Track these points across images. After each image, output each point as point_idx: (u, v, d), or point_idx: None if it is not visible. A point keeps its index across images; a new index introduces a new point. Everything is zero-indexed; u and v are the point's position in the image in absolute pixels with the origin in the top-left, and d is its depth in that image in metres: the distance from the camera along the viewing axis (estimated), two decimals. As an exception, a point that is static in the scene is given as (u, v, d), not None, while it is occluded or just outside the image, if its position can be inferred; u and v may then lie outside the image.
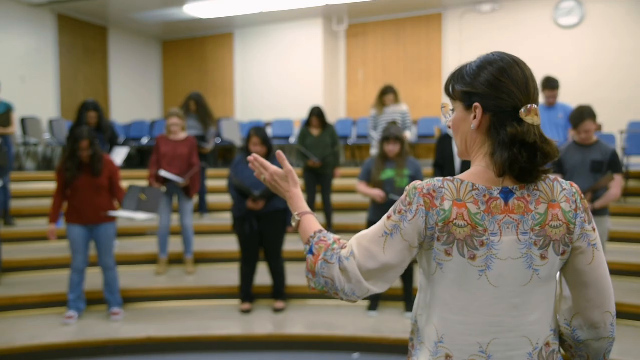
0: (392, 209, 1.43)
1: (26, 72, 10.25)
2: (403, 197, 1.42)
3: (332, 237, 1.49)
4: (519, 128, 1.34)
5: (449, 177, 1.40)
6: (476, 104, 1.39)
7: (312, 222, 1.57)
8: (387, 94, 6.84)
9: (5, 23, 9.97)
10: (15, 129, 7.67)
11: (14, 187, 7.54)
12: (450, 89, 1.49)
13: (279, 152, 1.69)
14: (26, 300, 5.36)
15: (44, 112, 10.38)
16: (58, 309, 5.23)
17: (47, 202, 4.95)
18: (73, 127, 6.07)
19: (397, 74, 11.12)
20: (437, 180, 1.39)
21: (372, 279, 1.40)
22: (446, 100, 1.55)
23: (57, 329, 4.89)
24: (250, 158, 1.69)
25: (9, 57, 9.99)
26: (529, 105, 1.35)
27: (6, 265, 5.85)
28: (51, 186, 5.05)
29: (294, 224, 1.60)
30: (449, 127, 1.52)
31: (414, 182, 1.42)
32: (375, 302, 5.18)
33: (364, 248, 1.40)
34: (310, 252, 1.47)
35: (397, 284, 5.20)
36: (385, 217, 1.43)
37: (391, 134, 4.94)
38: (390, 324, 4.93)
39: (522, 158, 1.33)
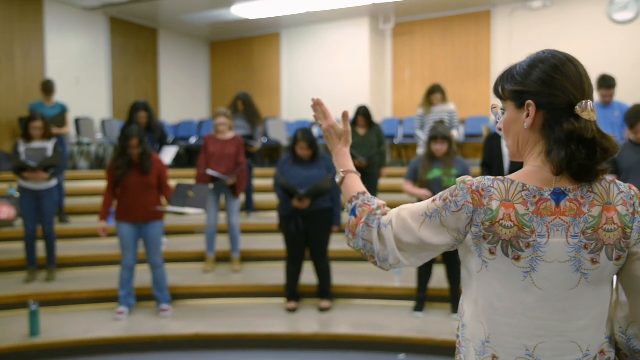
0: (438, 194, 1.43)
1: (80, 73, 10.55)
2: (452, 188, 1.41)
3: (377, 202, 1.52)
4: (576, 124, 1.30)
5: (499, 177, 1.37)
6: (529, 101, 1.36)
7: (356, 182, 1.60)
8: (434, 93, 6.76)
9: (62, 26, 10.29)
10: (70, 129, 7.90)
11: (68, 185, 7.75)
12: (500, 90, 1.46)
13: (346, 111, 1.71)
14: (80, 296, 5.51)
15: (97, 113, 10.66)
16: (109, 304, 5.35)
17: (99, 200, 5.08)
18: (124, 127, 6.21)
19: (445, 72, 10.98)
20: (487, 179, 1.37)
21: (405, 251, 1.42)
22: (495, 100, 1.52)
23: (108, 324, 5.01)
24: (314, 99, 1.70)
25: (65, 60, 10.30)
26: (584, 102, 1.32)
27: (60, 262, 6.02)
28: (103, 185, 5.17)
29: (337, 179, 1.63)
30: (500, 129, 1.49)
31: (464, 177, 1.40)
32: (421, 303, 5.12)
33: (402, 220, 1.42)
34: (353, 213, 1.51)
35: (444, 285, 5.14)
36: (430, 199, 1.44)
37: (439, 133, 4.88)
38: (436, 325, 4.86)
39: (581, 155, 1.29)
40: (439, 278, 5.25)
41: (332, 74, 11.53)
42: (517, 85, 1.38)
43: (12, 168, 5.69)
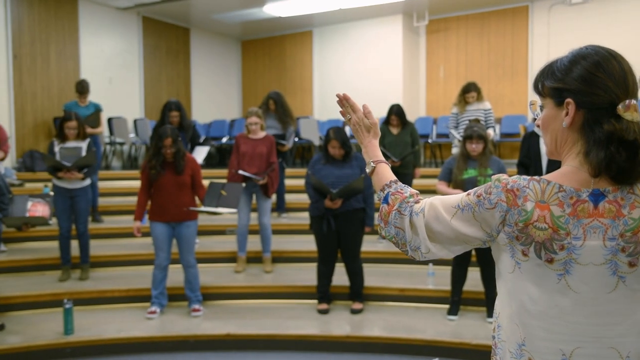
0: (473, 190, 1.40)
1: (113, 73, 10.68)
2: (487, 185, 1.38)
3: (409, 190, 1.52)
4: (617, 125, 1.24)
5: (535, 177, 1.32)
6: (569, 99, 1.31)
7: (387, 171, 1.60)
8: (469, 92, 6.64)
9: (95, 27, 10.42)
10: (103, 129, 7.98)
11: (101, 185, 7.83)
12: (540, 86, 1.41)
13: (366, 105, 1.70)
14: (113, 294, 5.55)
15: (129, 113, 10.76)
16: (142, 303, 5.37)
17: (132, 200, 5.10)
18: (156, 126, 6.23)
19: (480, 70, 10.81)
20: (523, 179, 1.32)
21: (435, 241, 1.42)
22: (534, 96, 1.47)
23: (141, 323, 5.03)
24: (339, 94, 1.70)
25: (98, 60, 10.43)
26: (627, 101, 1.25)
27: (94, 260, 6.07)
28: (136, 184, 5.20)
29: (368, 169, 1.64)
30: (538, 126, 1.44)
31: (499, 175, 1.37)
32: (456, 305, 5.01)
33: (435, 209, 1.41)
34: (386, 201, 1.51)
35: (479, 287, 5.02)
36: (464, 193, 1.42)
37: (474, 132, 4.77)
38: (471, 328, 4.76)
39: (621, 157, 1.24)
40: (474, 281, 5.13)
41: (365, 72, 11.45)
42: (557, 82, 1.34)
43: (47, 168, 5.76)
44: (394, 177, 1.58)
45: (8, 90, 9.15)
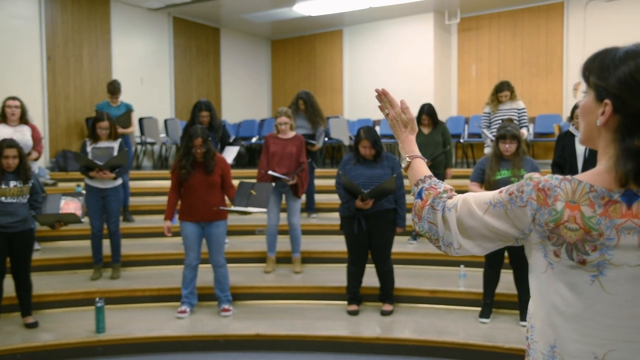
0: (505, 187, 1.39)
1: (144, 74, 10.78)
2: (519, 183, 1.36)
3: (444, 185, 1.52)
4: None
5: (567, 177, 1.30)
6: (607, 101, 1.26)
7: (422, 166, 1.61)
8: (502, 90, 6.52)
9: (127, 28, 10.53)
10: (135, 129, 8.05)
11: (132, 184, 7.90)
12: (586, 74, 1.36)
13: (403, 100, 1.71)
14: (144, 293, 5.59)
15: (160, 113, 10.86)
16: (172, 303, 5.39)
17: (163, 199, 5.13)
18: (187, 126, 6.26)
19: (513, 68, 10.64)
20: (555, 179, 1.30)
21: (467, 237, 1.41)
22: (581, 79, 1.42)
23: (171, 322, 5.05)
24: (378, 89, 1.72)
25: (130, 60, 10.55)
26: None
27: (125, 260, 6.12)
28: (166, 184, 5.22)
29: (403, 165, 1.65)
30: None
31: (531, 173, 1.36)
32: (488, 308, 4.92)
33: (467, 204, 1.40)
34: (419, 196, 1.52)
35: (512, 290, 4.92)
36: (497, 190, 1.40)
37: (507, 132, 4.67)
38: (504, 332, 4.67)
39: None
40: (507, 283, 5.03)
41: (395, 71, 11.36)
42: (600, 80, 1.29)
43: (79, 167, 5.82)
44: (428, 173, 1.58)
45: (42, 91, 9.30)
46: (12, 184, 4.70)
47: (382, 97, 1.73)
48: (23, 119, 6.05)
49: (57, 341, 4.68)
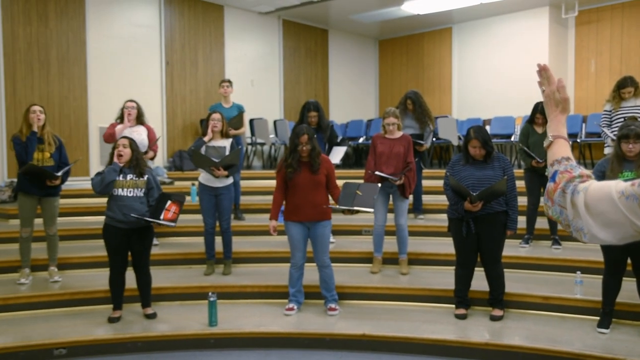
0: (638, 180, 1.32)
1: (255, 76, 11.11)
2: None
3: (580, 170, 1.48)
4: None
5: None
6: None
7: (562, 147, 1.57)
8: (625, 87, 6.11)
9: (239, 31, 10.91)
10: (246, 130, 8.30)
11: (243, 183, 8.12)
12: None
13: (561, 79, 1.66)
14: (253, 290, 5.74)
15: (270, 114, 11.14)
16: (279, 300, 5.50)
17: (271, 198, 5.25)
18: (295, 127, 6.37)
19: (638, 63, 9.96)
20: None
21: (599, 222, 1.35)
22: None
23: (279, 319, 5.16)
24: (540, 64, 1.69)
25: (241, 63, 10.92)
26: None
27: (236, 256, 6.32)
28: (275, 183, 5.33)
29: (545, 143, 1.63)
30: None
31: None
32: (607, 318, 4.63)
33: (598, 189, 1.36)
34: (553, 179, 1.50)
35: (636, 299, 4.61)
36: (629, 182, 1.34)
37: (631, 131, 4.37)
38: (625, 344, 4.37)
39: None
40: (629, 292, 4.71)
41: (507, 68, 11.01)
42: None
43: (193, 162, 6.08)
44: (566, 154, 1.54)
45: (161, 95, 9.83)
46: (129, 177, 4.98)
47: (542, 72, 1.68)
48: (139, 120, 6.41)
49: (174, 332, 4.91)
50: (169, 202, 4.90)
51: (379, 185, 5.44)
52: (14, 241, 6.08)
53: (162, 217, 4.86)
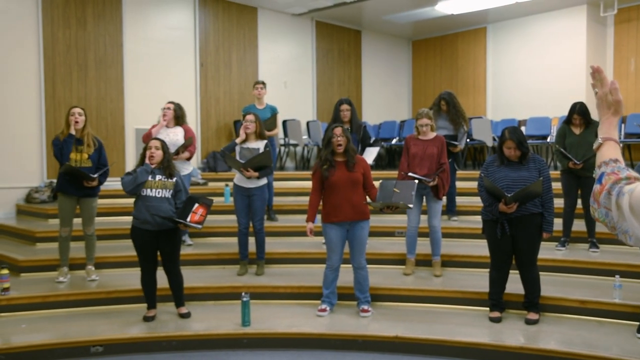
0: None
1: (288, 77, 11.16)
2: None
3: (628, 172, 1.45)
4: None
5: None
6: None
7: (611, 149, 1.55)
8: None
9: (273, 33, 10.98)
10: (279, 131, 8.33)
11: (276, 184, 8.15)
12: None
13: (614, 81, 1.63)
14: (286, 290, 5.76)
15: (303, 115, 11.17)
16: (312, 301, 5.50)
17: (305, 199, 5.26)
18: (328, 125, 6.38)
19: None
20: None
21: None
22: None
23: (311, 320, 5.16)
24: (593, 66, 1.65)
25: (274, 65, 10.98)
26: None
27: (268, 257, 6.35)
28: (308, 184, 5.34)
29: (595, 145, 1.61)
30: None
31: None
32: (647, 323, 4.53)
33: None
34: (599, 181, 1.48)
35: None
36: None
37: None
38: (666, 350, 4.26)
39: None
40: (670, 297, 4.60)
41: (544, 69, 10.84)
42: None
43: (225, 162, 6.14)
44: (615, 156, 1.52)
45: (195, 96, 9.95)
46: (158, 177, 5.05)
47: (595, 74, 1.66)
48: (178, 121, 6.48)
49: (208, 331, 4.96)
50: (196, 205, 4.95)
51: (416, 182, 5.40)
52: (53, 240, 6.23)
53: (189, 219, 4.91)
